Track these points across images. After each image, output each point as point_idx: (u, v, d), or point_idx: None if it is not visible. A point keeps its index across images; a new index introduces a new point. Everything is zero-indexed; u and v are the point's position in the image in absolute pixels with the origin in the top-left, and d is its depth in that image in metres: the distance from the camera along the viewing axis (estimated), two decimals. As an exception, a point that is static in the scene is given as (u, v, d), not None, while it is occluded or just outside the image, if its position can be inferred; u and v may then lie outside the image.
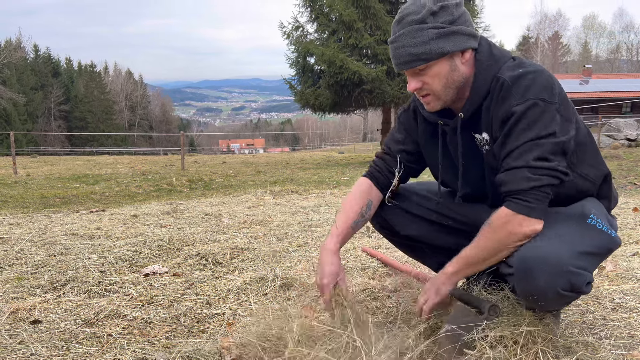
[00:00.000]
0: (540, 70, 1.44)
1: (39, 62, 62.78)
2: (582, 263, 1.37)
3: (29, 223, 4.24)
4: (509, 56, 1.52)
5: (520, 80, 1.41)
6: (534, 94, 1.39)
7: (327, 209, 4.79)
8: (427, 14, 1.43)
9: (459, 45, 1.46)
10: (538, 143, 1.37)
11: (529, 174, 1.37)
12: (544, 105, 1.38)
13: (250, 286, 2.24)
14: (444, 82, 1.49)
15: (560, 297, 1.37)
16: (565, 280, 1.33)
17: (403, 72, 1.54)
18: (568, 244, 1.37)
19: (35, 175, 12.13)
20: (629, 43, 65.18)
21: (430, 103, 1.55)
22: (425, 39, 1.43)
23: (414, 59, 1.46)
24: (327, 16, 15.85)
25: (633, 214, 3.92)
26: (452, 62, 1.47)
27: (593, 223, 1.44)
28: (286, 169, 13.37)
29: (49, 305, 2.06)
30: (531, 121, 1.38)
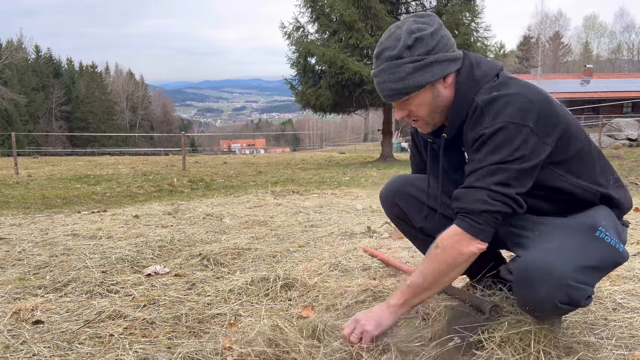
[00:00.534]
0: (517, 92, 1.42)
1: (40, 62, 62.87)
2: (585, 277, 1.35)
3: (30, 224, 4.24)
4: (492, 75, 1.50)
5: (492, 104, 1.42)
6: (505, 117, 1.38)
7: (328, 209, 4.80)
8: (403, 49, 1.45)
9: (438, 73, 1.48)
10: (501, 167, 1.38)
11: (486, 197, 1.38)
12: (514, 128, 1.37)
13: (251, 286, 2.24)
14: (428, 109, 1.53)
15: (557, 309, 1.37)
16: (564, 294, 1.33)
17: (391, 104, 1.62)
18: (572, 257, 1.35)
19: (37, 175, 12.14)
20: (630, 43, 65.13)
21: (421, 127, 1.61)
22: (403, 75, 1.47)
23: (395, 94, 1.51)
24: (328, 16, 15.86)
25: (634, 214, 3.91)
26: (434, 89, 1.50)
27: (602, 236, 1.41)
28: (287, 170, 13.38)
29: (51, 306, 2.07)
30: (498, 144, 1.38)
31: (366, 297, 2.03)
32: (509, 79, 1.51)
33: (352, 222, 3.96)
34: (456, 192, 1.45)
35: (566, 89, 38.70)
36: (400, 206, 1.86)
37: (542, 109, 1.42)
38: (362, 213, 4.53)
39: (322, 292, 2.15)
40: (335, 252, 2.89)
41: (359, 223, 3.88)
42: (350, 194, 6.36)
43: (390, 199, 1.90)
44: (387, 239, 3.29)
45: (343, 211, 4.66)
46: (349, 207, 4.89)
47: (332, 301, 2.04)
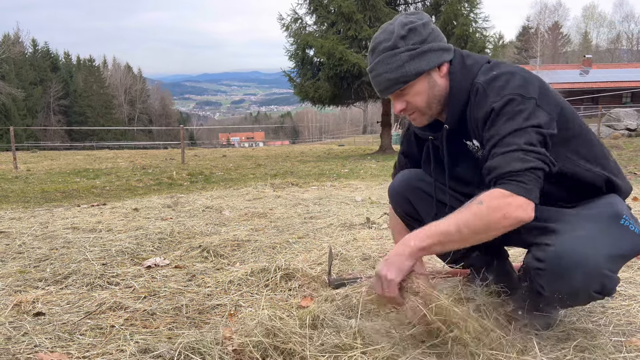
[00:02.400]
0: (513, 71, 1.46)
1: (37, 56, 62.59)
2: (614, 266, 1.36)
3: (30, 217, 4.25)
4: (482, 62, 1.54)
5: (494, 81, 1.44)
6: (510, 90, 1.40)
7: (327, 201, 4.81)
8: (398, 39, 1.48)
9: (434, 61, 1.50)
10: (525, 131, 1.37)
11: (522, 155, 1.34)
12: (522, 100, 1.39)
13: (251, 277, 2.25)
14: (425, 99, 1.54)
15: (589, 298, 1.38)
16: (599, 283, 1.33)
17: (387, 98, 1.59)
18: (604, 246, 1.35)
19: (36, 170, 12.14)
20: (629, 33, 64.99)
21: (417, 119, 1.61)
22: (400, 63, 1.48)
23: (393, 84, 1.51)
24: (326, 8, 15.78)
25: (633, 203, 3.93)
26: (430, 78, 1.52)
27: (626, 224, 1.42)
28: (286, 162, 13.38)
29: (52, 298, 2.08)
30: (513, 113, 1.38)
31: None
32: (501, 62, 1.54)
33: (352, 213, 3.97)
34: (488, 165, 1.39)
35: (565, 79, 38.64)
36: (412, 201, 1.84)
37: (540, 85, 1.45)
38: (361, 204, 4.54)
39: (321, 282, 2.16)
40: (334, 243, 2.90)
41: (358, 214, 3.89)
42: (349, 186, 6.37)
43: (401, 194, 1.86)
44: (386, 229, 3.29)
45: (342, 203, 4.67)
46: (348, 199, 4.90)
47: (331, 291, 2.05)
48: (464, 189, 1.71)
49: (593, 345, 1.47)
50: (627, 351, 1.44)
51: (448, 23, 14.79)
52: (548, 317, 1.61)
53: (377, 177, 8.12)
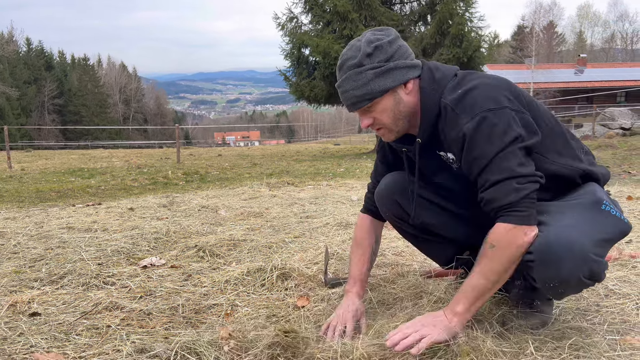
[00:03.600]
0: (478, 84, 1.47)
1: (31, 55, 62.19)
2: (601, 250, 1.39)
3: (25, 217, 4.23)
4: (451, 75, 1.55)
5: (461, 101, 1.46)
6: (479, 108, 1.42)
7: (323, 200, 4.81)
8: (363, 57, 1.50)
9: (399, 79, 1.52)
10: (509, 151, 1.39)
11: (515, 184, 1.38)
12: (494, 114, 1.41)
13: (247, 277, 2.25)
14: (391, 116, 1.56)
15: (580, 284, 1.40)
16: (587, 268, 1.36)
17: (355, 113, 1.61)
18: (589, 232, 1.38)
19: (30, 169, 12.08)
20: (624, 32, 65.29)
21: (385, 135, 1.64)
22: (366, 81, 1.51)
23: (359, 100, 1.54)
24: (322, 7, 15.77)
25: (627, 202, 3.95)
26: (395, 95, 1.54)
27: (607, 209, 1.45)
28: (282, 161, 13.37)
29: (48, 298, 2.07)
30: (489, 133, 1.40)
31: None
32: (467, 74, 1.56)
33: (347, 212, 3.97)
34: (484, 195, 1.43)
35: (560, 78, 38.78)
36: (401, 203, 1.85)
37: (508, 90, 1.48)
38: (357, 204, 4.54)
39: (318, 281, 2.17)
40: (331, 243, 2.91)
41: (354, 214, 3.89)
42: (345, 185, 6.37)
43: (389, 197, 1.87)
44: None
45: (338, 202, 4.67)
46: (344, 198, 4.90)
47: (327, 291, 2.05)
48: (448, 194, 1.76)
49: (588, 344, 1.48)
50: (622, 349, 1.45)
51: (443, 22, 14.82)
52: (543, 316, 1.62)
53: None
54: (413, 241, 2.01)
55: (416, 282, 1.96)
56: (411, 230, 1.91)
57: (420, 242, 1.98)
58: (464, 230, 1.81)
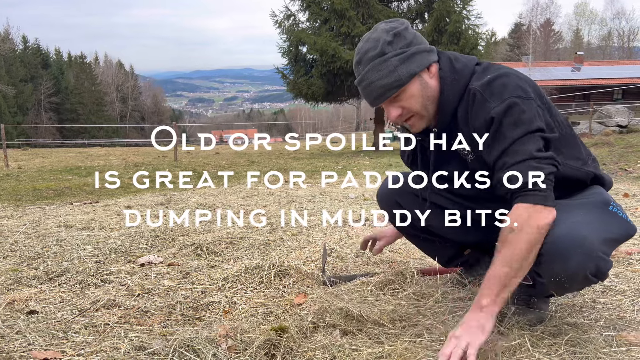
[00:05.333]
0: (507, 72, 1.48)
1: (28, 53, 61.96)
2: (607, 249, 1.40)
3: (22, 215, 4.22)
4: (472, 65, 1.55)
5: (491, 85, 1.45)
6: (509, 94, 1.42)
7: (320, 198, 4.81)
8: (385, 45, 1.48)
9: (424, 62, 1.51)
10: (531, 137, 1.40)
11: (534, 164, 1.38)
12: (522, 102, 1.41)
13: (245, 274, 2.25)
14: (421, 101, 1.53)
15: (586, 280, 1.39)
16: (594, 265, 1.36)
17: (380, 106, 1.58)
18: (598, 230, 1.39)
19: (27, 167, 12.05)
20: (620, 30, 65.32)
21: (416, 124, 1.59)
22: (392, 68, 1.48)
23: (387, 89, 1.50)
24: (319, 5, 15.75)
25: (624, 199, 3.96)
26: (421, 80, 1.52)
27: (614, 210, 1.47)
28: (279, 159, 13.36)
29: (45, 296, 2.07)
30: (516, 119, 1.41)
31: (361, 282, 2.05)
32: (491, 64, 1.55)
33: (345, 210, 3.98)
34: (503, 175, 1.42)
35: (557, 76, 38.82)
36: (402, 204, 1.85)
37: (532, 86, 1.48)
38: (354, 201, 4.55)
39: (316, 278, 2.17)
40: (328, 240, 2.91)
41: (352, 211, 3.90)
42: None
43: (390, 199, 1.87)
44: (379, 226, 3.31)
45: (336, 200, 4.67)
46: (341, 196, 4.91)
47: (325, 288, 2.06)
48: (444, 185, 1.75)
49: (584, 340, 1.48)
50: (618, 345, 1.46)
51: (440, 20, 14.83)
52: (540, 312, 1.63)
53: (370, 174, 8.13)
54: (414, 241, 2.01)
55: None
56: (412, 230, 1.91)
57: (421, 242, 1.98)
58: (468, 232, 1.81)
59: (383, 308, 1.75)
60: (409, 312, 1.71)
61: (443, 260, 1.98)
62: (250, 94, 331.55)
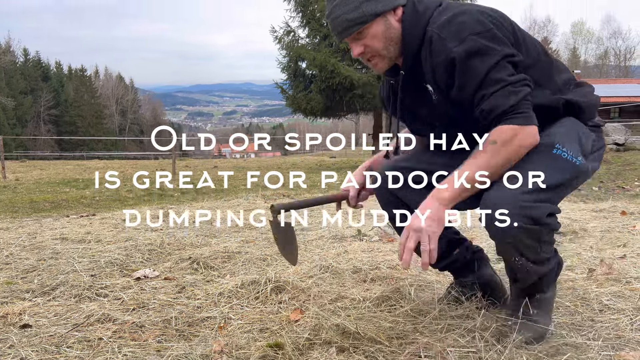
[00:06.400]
0: (465, 10, 1.51)
1: (28, 66, 62.31)
2: (540, 196, 1.43)
3: (18, 227, 4.20)
4: (433, 7, 1.58)
5: (447, 26, 1.49)
6: (466, 32, 1.46)
7: (318, 212, 4.80)
8: None
9: (389, 4, 1.55)
10: (500, 64, 1.44)
11: (511, 88, 1.43)
12: (482, 36, 1.45)
13: (241, 290, 2.24)
14: (382, 41, 1.58)
15: (525, 232, 1.43)
16: (521, 216, 1.41)
17: (345, 42, 1.62)
18: (523, 181, 1.43)
19: (25, 179, 12.03)
20: (617, 49, 65.99)
21: (378, 64, 1.64)
22: (357, 4, 1.53)
23: (350, 25, 1.55)
24: (319, 21, 15.91)
25: (621, 217, 3.96)
26: (386, 20, 1.56)
27: (559, 152, 1.49)
28: (278, 174, 13.36)
29: (39, 310, 2.05)
30: (480, 54, 1.44)
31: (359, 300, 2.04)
32: (452, 3, 1.58)
33: (343, 225, 3.97)
34: (484, 106, 1.46)
35: (554, 94, 39.02)
36: (393, 191, 1.83)
37: (493, 16, 1.51)
38: (352, 216, 4.54)
39: (313, 295, 2.15)
40: (325, 255, 2.90)
41: (349, 226, 3.89)
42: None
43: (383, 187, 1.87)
44: (377, 242, 3.30)
45: (334, 214, 4.66)
46: (340, 211, 4.90)
47: (320, 302, 2.04)
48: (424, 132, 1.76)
49: None
50: (616, 365, 1.45)
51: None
52: (540, 328, 1.61)
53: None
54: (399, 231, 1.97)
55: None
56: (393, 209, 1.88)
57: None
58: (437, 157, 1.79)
59: (380, 325, 1.74)
60: (406, 329, 1.70)
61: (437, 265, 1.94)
62: (249, 108, 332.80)
